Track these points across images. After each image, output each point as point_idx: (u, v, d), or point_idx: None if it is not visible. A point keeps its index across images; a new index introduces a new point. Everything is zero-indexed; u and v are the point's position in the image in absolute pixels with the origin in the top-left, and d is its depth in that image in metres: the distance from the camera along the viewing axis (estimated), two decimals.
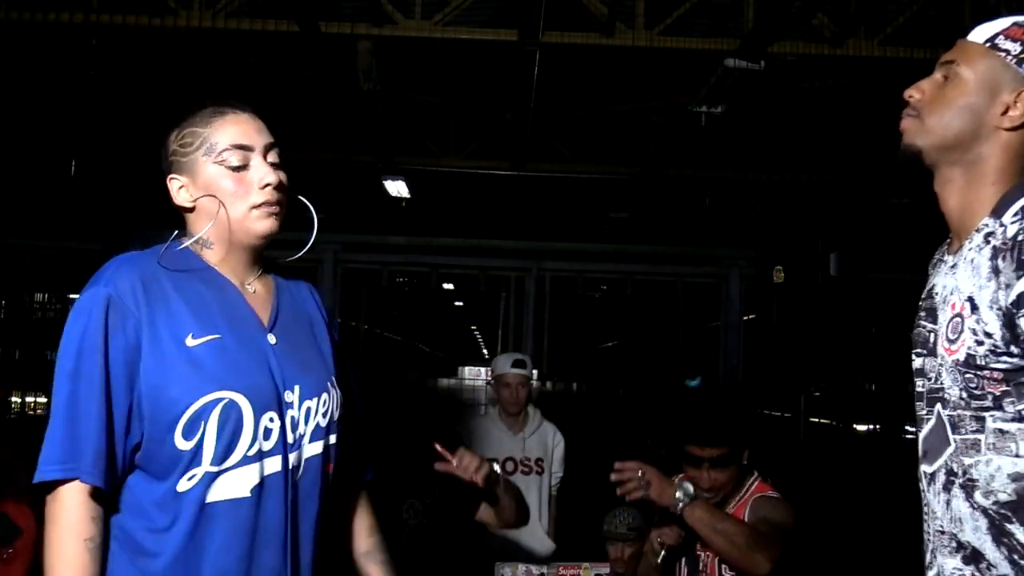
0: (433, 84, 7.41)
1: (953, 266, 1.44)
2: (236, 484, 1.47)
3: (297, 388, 1.54)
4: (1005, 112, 1.40)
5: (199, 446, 1.44)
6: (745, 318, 6.96)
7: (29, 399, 9.08)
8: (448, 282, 11.29)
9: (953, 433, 1.40)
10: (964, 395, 1.37)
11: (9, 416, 7.65)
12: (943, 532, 1.42)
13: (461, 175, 8.76)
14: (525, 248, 7.66)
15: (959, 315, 1.38)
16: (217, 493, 1.46)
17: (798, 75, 6.45)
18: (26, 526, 3.19)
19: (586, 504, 4.33)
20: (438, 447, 2.25)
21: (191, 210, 1.57)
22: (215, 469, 1.45)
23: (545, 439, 4.10)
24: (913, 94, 1.46)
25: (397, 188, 9.03)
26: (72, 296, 8.79)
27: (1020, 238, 1.32)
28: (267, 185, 1.54)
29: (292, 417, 1.52)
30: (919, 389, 1.49)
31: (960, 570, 1.39)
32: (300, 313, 1.65)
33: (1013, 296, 1.30)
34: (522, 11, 5.00)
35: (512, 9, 5.32)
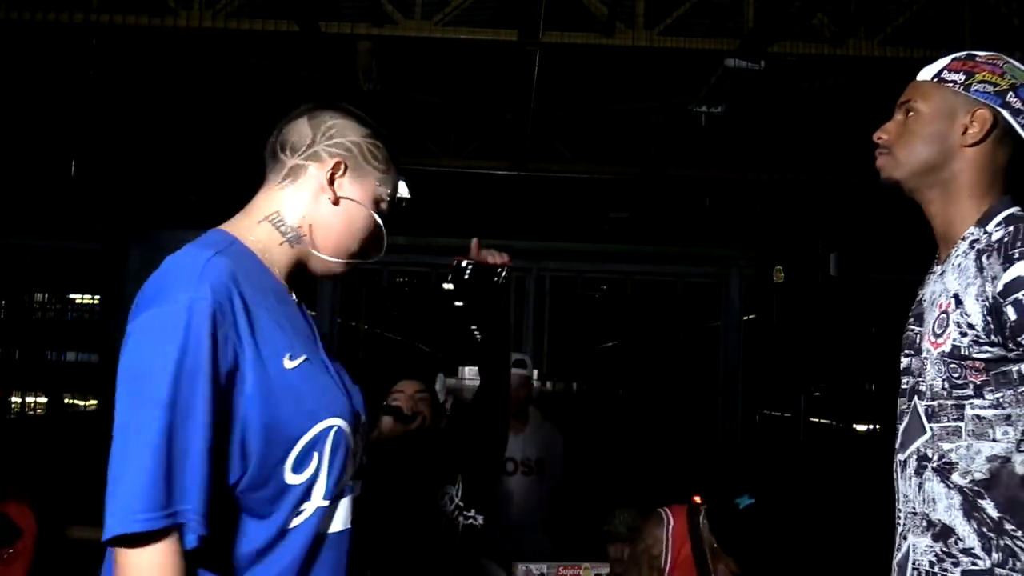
0: (433, 84, 7.41)
1: (941, 273, 1.59)
2: (340, 516, 1.35)
3: (356, 408, 1.43)
4: (965, 132, 1.57)
5: (313, 479, 1.29)
6: (745, 318, 6.96)
7: (29, 399, 9.07)
8: (448, 282, 11.28)
9: (929, 422, 1.54)
10: (946, 385, 1.51)
11: (9, 416, 7.64)
12: (915, 513, 1.55)
13: (461, 175, 8.75)
14: (525, 248, 7.65)
15: (945, 312, 1.52)
16: (326, 527, 1.32)
17: (798, 75, 6.45)
18: (26, 526, 3.20)
19: (586, 504, 4.33)
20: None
21: (333, 201, 1.41)
22: (327, 503, 1.31)
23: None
24: (881, 135, 1.64)
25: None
26: (72, 296, 8.78)
27: (1005, 240, 1.46)
28: (383, 250, 1.48)
29: (363, 428, 1.44)
30: (903, 386, 1.64)
31: (931, 547, 1.51)
32: (314, 327, 1.50)
33: (1000, 286, 1.43)
34: (522, 11, 4.99)
35: (512, 9, 5.32)
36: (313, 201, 1.41)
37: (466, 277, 2.04)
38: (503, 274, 2.07)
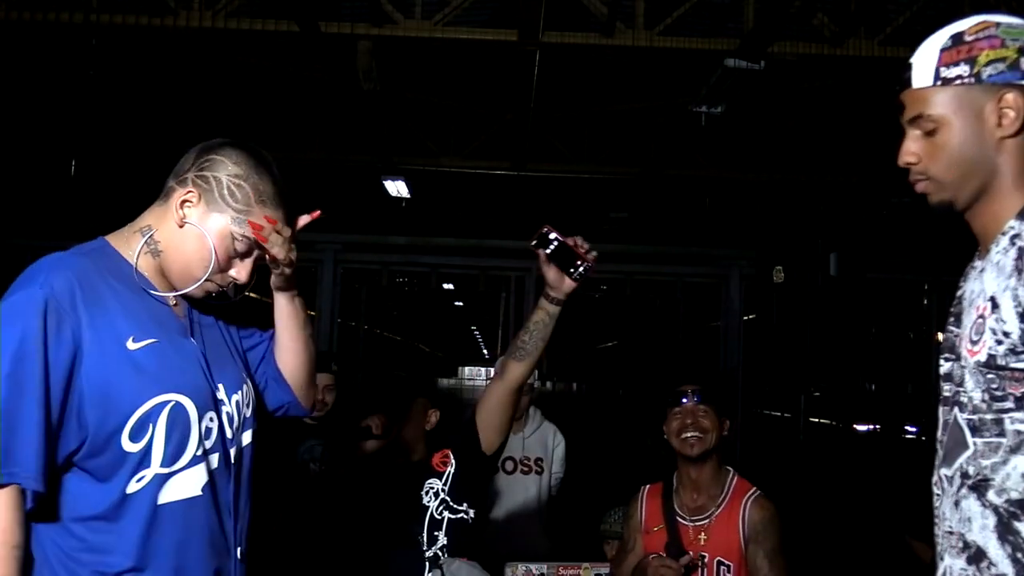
0: (433, 84, 7.42)
1: (982, 270, 1.44)
2: (188, 484, 1.49)
3: (222, 386, 1.59)
4: (999, 123, 1.42)
5: (148, 448, 1.45)
6: (745, 318, 6.95)
7: None
8: (448, 282, 11.28)
9: (973, 436, 1.40)
10: (986, 397, 1.37)
11: None
12: (952, 533, 1.43)
13: (461, 175, 8.76)
14: (525, 248, 7.62)
15: (981, 316, 1.39)
16: (170, 494, 1.48)
17: (798, 75, 6.45)
18: None
19: (585, 504, 4.34)
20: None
21: (179, 224, 1.56)
22: (166, 471, 1.47)
23: (545, 439, 4.11)
24: (909, 160, 1.48)
25: (397, 188, 9.02)
26: None
27: None
28: (233, 284, 1.61)
29: (228, 413, 1.58)
30: (945, 394, 1.49)
31: (965, 570, 1.39)
32: (206, 320, 1.67)
33: None
34: (522, 11, 5.00)
35: (512, 9, 5.32)
36: (168, 220, 1.58)
37: (547, 251, 2.07)
38: (580, 269, 2.08)
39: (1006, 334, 1.33)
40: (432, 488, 2.46)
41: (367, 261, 7.22)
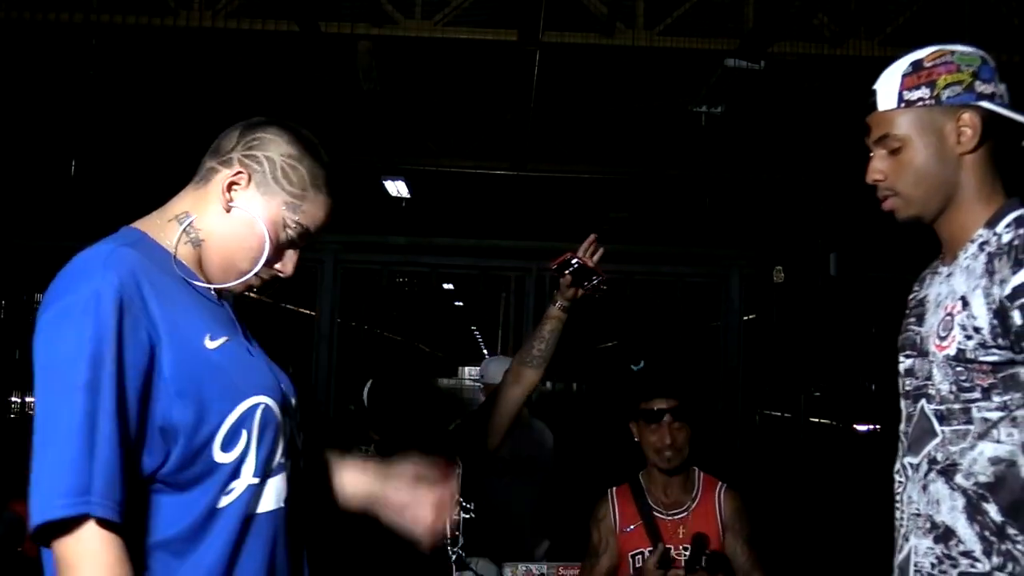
0: (433, 84, 7.41)
1: (949, 275, 1.56)
2: (272, 495, 1.34)
3: (282, 386, 1.42)
4: (959, 140, 1.54)
5: (242, 458, 1.28)
6: (745, 318, 6.95)
7: (29, 399, 9.08)
8: (448, 282, 11.28)
9: (941, 425, 1.51)
10: (954, 388, 1.49)
11: (9, 416, 7.65)
12: (919, 515, 1.53)
13: (461, 175, 8.76)
14: (525, 248, 7.60)
15: (950, 314, 1.50)
16: (259, 506, 1.32)
17: (798, 75, 6.45)
18: None
19: (584, 504, 4.33)
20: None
21: (225, 208, 1.38)
22: (257, 481, 1.31)
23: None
24: (876, 177, 1.61)
25: (397, 188, 9.03)
26: None
27: (1016, 243, 1.44)
28: (279, 276, 1.44)
29: (294, 418, 1.43)
30: (907, 388, 1.62)
31: (932, 548, 1.50)
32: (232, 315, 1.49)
33: (1008, 289, 1.41)
34: (522, 11, 5.00)
35: (512, 9, 5.32)
36: (213, 204, 1.39)
37: (567, 272, 2.27)
38: (595, 281, 2.30)
39: (976, 329, 1.45)
40: None
41: (367, 261, 7.21)
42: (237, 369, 1.31)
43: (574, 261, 2.23)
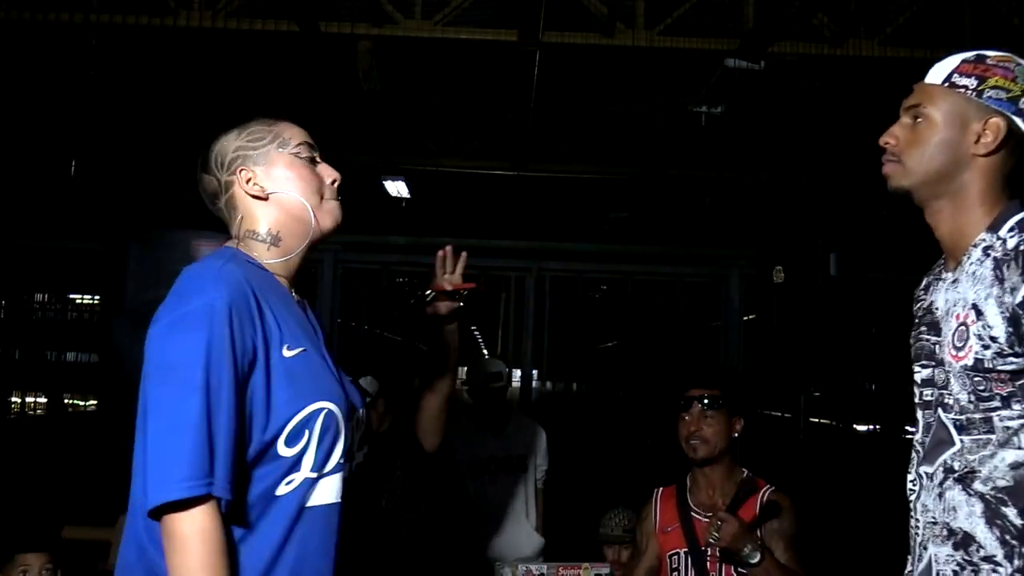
0: (433, 84, 7.41)
1: (954, 281, 1.54)
2: (329, 490, 1.51)
3: (346, 395, 1.60)
4: (977, 141, 1.52)
5: (301, 453, 1.47)
6: (745, 318, 6.95)
7: (29, 399, 9.07)
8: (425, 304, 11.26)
9: (960, 434, 1.50)
10: (972, 398, 1.48)
11: (9, 416, 7.64)
12: (935, 523, 1.52)
13: (461, 175, 8.76)
14: (525, 248, 7.63)
15: (964, 324, 1.49)
16: (316, 498, 1.49)
17: (798, 75, 6.45)
18: None
19: (583, 504, 4.33)
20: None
21: (263, 199, 1.59)
22: (315, 475, 1.49)
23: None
24: (888, 140, 1.59)
25: (397, 188, 9.02)
26: (72, 296, 8.77)
27: (1022, 248, 1.44)
28: (335, 181, 1.64)
29: (353, 427, 1.60)
30: (926, 398, 1.59)
31: (952, 556, 1.49)
32: (317, 325, 1.69)
33: (1020, 297, 1.41)
34: (522, 11, 5.00)
35: (512, 9, 5.32)
36: (255, 212, 1.60)
37: (427, 305, 2.25)
38: (464, 293, 2.26)
39: (993, 339, 1.44)
40: (387, 493, 2.54)
41: (367, 261, 7.21)
42: (308, 376, 1.50)
43: (427, 293, 2.25)
